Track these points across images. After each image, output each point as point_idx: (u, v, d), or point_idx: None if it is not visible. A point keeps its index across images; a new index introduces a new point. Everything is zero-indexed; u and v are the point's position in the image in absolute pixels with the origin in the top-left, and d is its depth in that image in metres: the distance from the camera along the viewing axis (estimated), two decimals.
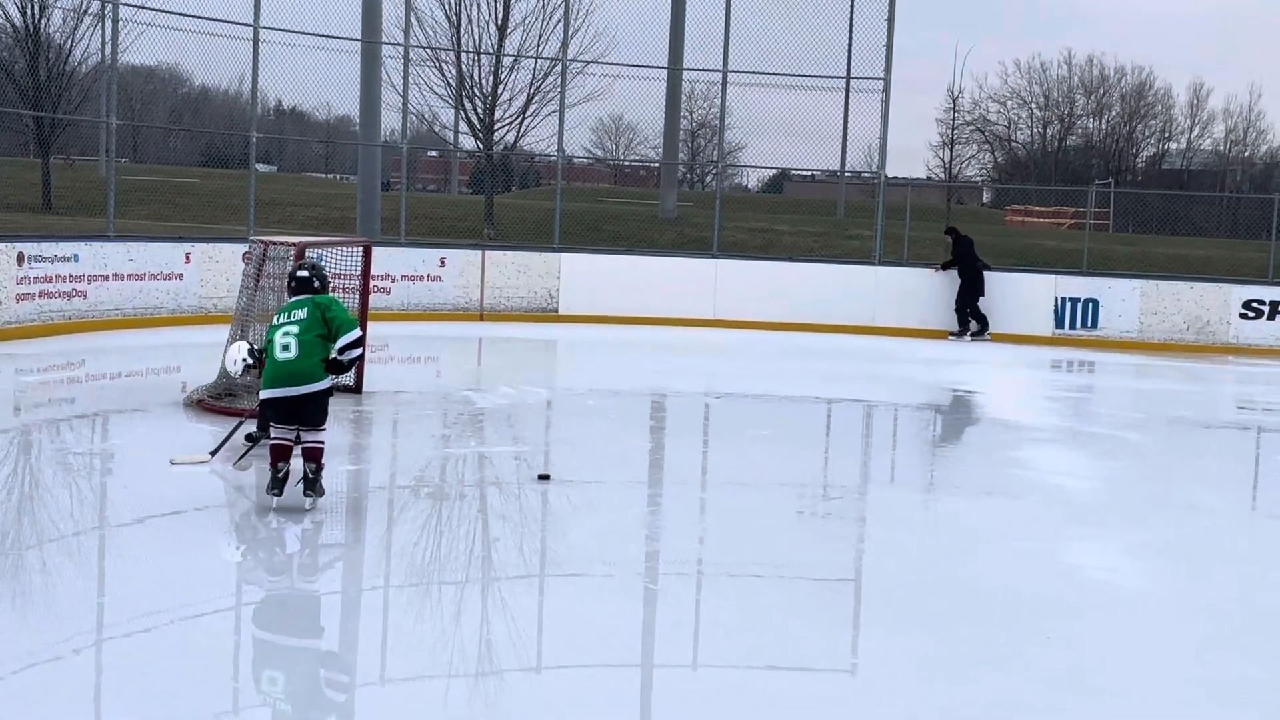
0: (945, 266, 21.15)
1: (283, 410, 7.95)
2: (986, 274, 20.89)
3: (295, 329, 7.92)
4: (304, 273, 8.33)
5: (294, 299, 8.20)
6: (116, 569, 7.03)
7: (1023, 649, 6.11)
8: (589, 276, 20.80)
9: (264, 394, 8.03)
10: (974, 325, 20.75)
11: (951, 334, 20.76)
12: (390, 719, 5.05)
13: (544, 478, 8.95)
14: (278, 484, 7.92)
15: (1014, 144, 65.21)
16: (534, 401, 13.06)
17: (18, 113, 28.05)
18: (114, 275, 16.95)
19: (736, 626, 6.31)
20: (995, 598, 6.93)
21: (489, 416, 12.01)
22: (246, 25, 18.95)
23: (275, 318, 8.18)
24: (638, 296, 20.60)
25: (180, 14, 18.39)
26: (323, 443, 8.05)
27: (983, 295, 20.79)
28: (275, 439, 8.01)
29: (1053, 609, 6.76)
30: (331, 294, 8.44)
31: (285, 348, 7.89)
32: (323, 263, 8.60)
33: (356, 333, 8.03)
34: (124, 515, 8.24)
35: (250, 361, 9.34)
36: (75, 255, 16.44)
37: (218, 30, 19.03)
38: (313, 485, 7.97)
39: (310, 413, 7.98)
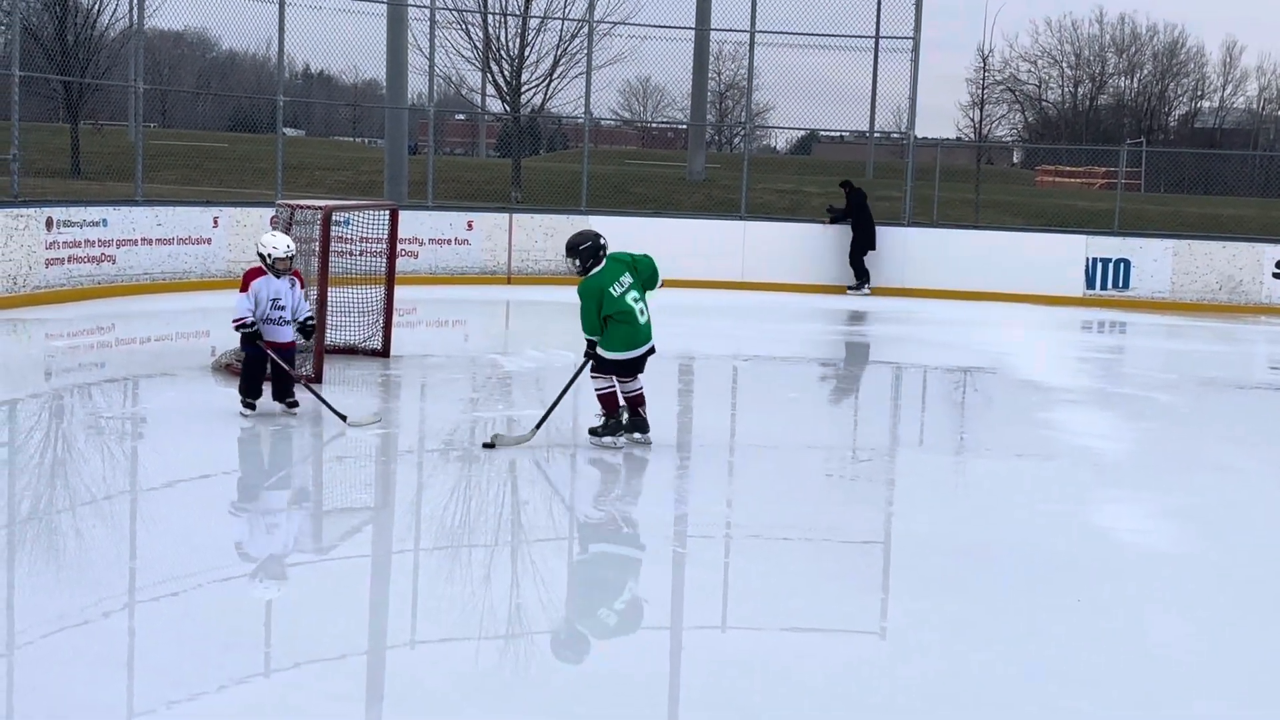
0: (834, 219, 21.03)
1: (637, 367, 8.90)
2: (878, 228, 20.84)
3: (637, 293, 8.95)
4: (587, 243, 9.21)
5: (606, 269, 9.03)
6: (146, 532, 7.06)
7: (1053, 612, 6.07)
8: (616, 239, 20.61)
9: (634, 353, 8.85)
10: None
11: (849, 288, 20.66)
12: (419, 682, 5.06)
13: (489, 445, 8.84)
14: (635, 427, 8.87)
15: (1045, 103, 64.59)
16: (562, 365, 13.01)
17: (46, 78, 28.05)
18: (142, 240, 17.00)
19: (765, 590, 6.29)
20: (1024, 560, 6.89)
21: (517, 380, 12.02)
22: None
23: (612, 289, 8.88)
24: (665, 259, 19.96)
25: None
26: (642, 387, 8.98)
27: (873, 249, 20.71)
28: (629, 392, 8.89)
29: (1083, 572, 6.72)
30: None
31: (642, 312, 8.92)
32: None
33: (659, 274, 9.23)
34: (154, 479, 8.29)
35: (292, 253, 9.56)
36: (104, 220, 16.49)
37: None
38: (640, 427, 8.88)
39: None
